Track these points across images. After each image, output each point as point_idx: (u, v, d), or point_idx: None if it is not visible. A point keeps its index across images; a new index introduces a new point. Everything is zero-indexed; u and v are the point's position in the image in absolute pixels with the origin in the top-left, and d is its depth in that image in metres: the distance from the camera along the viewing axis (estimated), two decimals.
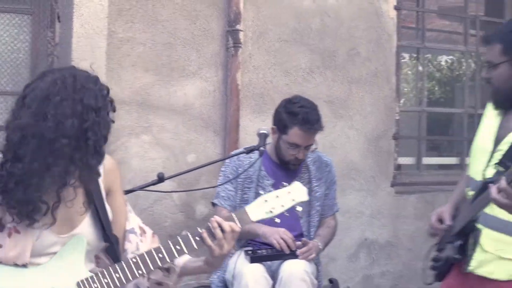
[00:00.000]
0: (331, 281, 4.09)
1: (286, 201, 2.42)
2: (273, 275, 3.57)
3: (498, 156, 2.63)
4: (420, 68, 5.78)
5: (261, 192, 3.67)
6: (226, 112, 4.57)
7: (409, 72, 6.27)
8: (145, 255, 2.27)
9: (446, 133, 6.28)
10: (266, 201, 2.39)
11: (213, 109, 4.58)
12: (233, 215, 2.35)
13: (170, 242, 2.30)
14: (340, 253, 5.06)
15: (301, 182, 3.65)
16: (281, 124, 3.68)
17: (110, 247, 2.32)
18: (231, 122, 4.53)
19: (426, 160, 5.72)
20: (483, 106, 2.98)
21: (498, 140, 2.70)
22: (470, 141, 3.03)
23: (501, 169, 2.57)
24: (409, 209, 5.32)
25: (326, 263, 4.96)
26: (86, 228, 2.27)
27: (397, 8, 5.28)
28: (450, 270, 2.85)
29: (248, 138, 4.52)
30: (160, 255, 2.27)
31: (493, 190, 2.38)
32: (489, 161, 2.68)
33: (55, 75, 2.19)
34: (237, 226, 2.33)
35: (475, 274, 2.71)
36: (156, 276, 2.36)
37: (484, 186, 2.56)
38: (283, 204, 2.41)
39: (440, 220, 2.89)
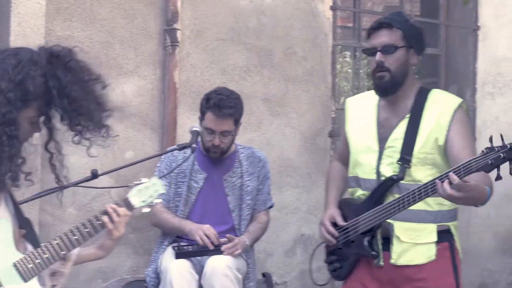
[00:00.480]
0: (264, 275, 4.29)
1: (152, 193, 2.73)
2: (201, 270, 3.77)
3: (390, 153, 2.90)
4: (357, 67, 6.05)
5: (194, 184, 3.93)
6: (163, 110, 4.75)
7: (350, 70, 6.54)
8: (65, 236, 2.50)
9: None
10: (139, 190, 2.71)
11: (151, 107, 4.75)
12: (122, 202, 2.65)
13: (78, 226, 2.55)
14: (277, 248, 5.28)
15: (234, 177, 3.94)
16: (201, 111, 3.95)
17: (28, 231, 2.50)
18: (168, 119, 4.71)
19: None
20: None
21: (382, 140, 2.97)
22: None
23: (405, 164, 2.86)
24: None
25: (264, 259, 5.20)
26: (2, 212, 2.42)
27: (333, 8, 5.51)
28: (355, 265, 3.09)
29: (185, 135, 4.65)
30: (76, 237, 2.52)
31: (446, 186, 2.62)
32: (380, 159, 2.92)
33: None
34: (128, 211, 2.64)
35: (395, 265, 2.96)
36: (53, 266, 2.55)
37: (385, 182, 2.84)
38: (151, 195, 2.72)
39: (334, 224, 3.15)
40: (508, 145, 2.60)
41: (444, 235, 3.05)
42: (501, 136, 2.62)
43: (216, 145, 3.90)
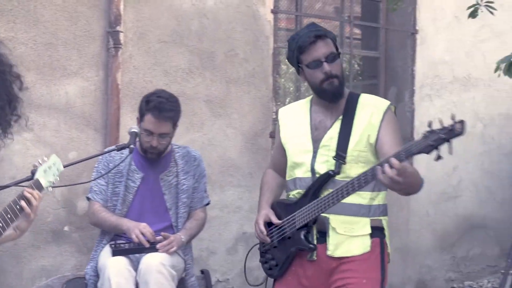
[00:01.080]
0: (202, 272, 4.49)
1: (55, 171, 3.02)
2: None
3: (325, 152, 3.15)
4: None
5: (131, 184, 4.12)
6: (106, 110, 4.91)
7: (293, 71, 6.77)
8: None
9: None
10: (45, 171, 2.96)
11: (94, 107, 4.92)
12: (33, 184, 2.89)
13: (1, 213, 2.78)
14: (220, 246, 5.51)
15: (170, 176, 4.14)
16: (140, 112, 4.10)
17: None
18: (111, 120, 4.88)
19: None
20: None
21: (316, 141, 3.23)
22: None
23: (340, 160, 3.11)
24: None
25: (206, 257, 5.42)
26: None
27: (274, 11, 5.77)
28: (298, 259, 3.30)
29: (128, 136, 4.87)
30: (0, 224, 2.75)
31: (387, 169, 2.78)
32: (314, 158, 3.18)
33: None
34: (40, 194, 2.90)
35: (332, 256, 3.19)
36: None
37: (322, 178, 3.09)
38: (54, 173, 3.02)
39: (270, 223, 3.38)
40: (449, 126, 2.76)
41: (375, 231, 3.25)
42: (440, 120, 2.80)
43: (154, 147, 4.06)
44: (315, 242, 3.23)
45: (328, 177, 3.18)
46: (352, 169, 3.18)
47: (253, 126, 5.64)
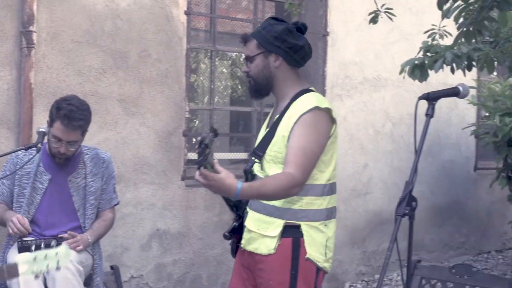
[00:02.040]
0: (112, 267, 4.66)
1: (52, 263, 2.69)
2: None
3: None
4: (215, 69, 6.53)
5: (39, 185, 4.21)
6: (19, 109, 5.03)
7: (207, 71, 6.98)
8: None
9: (248, 130, 7.05)
10: (35, 259, 2.66)
11: (7, 106, 5.03)
12: (4, 267, 2.67)
13: None
14: (134, 243, 5.69)
15: (78, 178, 4.22)
16: (50, 117, 4.15)
17: None
18: (24, 119, 5.01)
19: (217, 156, 6.46)
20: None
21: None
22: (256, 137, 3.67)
23: (253, 158, 3.29)
24: (198, 201, 6.04)
25: (120, 253, 5.58)
26: None
27: (187, 13, 5.98)
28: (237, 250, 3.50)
29: None
30: None
31: (197, 173, 2.89)
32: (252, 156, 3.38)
33: None
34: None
35: (247, 250, 3.36)
36: None
37: (246, 175, 3.30)
38: (49, 264, 2.69)
39: None
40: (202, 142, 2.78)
41: (291, 231, 3.22)
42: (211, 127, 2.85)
43: (62, 153, 4.15)
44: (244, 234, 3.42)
45: (246, 174, 3.36)
46: (271, 169, 3.24)
47: (166, 125, 5.83)
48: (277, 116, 3.30)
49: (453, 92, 2.92)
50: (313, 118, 3.18)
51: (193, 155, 6.26)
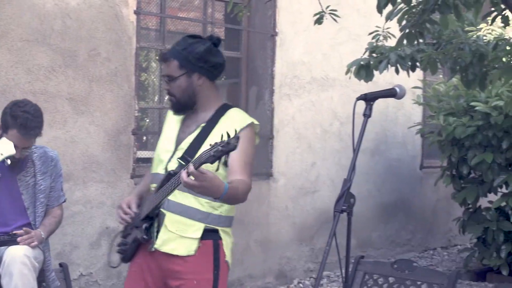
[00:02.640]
0: (61, 265, 4.72)
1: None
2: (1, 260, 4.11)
3: (179, 153, 3.41)
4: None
5: None
6: None
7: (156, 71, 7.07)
8: None
9: None
10: None
11: None
12: None
13: None
14: (83, 241, 5.74)
15: (27, 176, 4.29)
16: (4, 124, 4.18)
17: None
18: None
19: None
20: None
21: (178, 142, 3.48)
22: None
23: (182, 162, 3.39)
24: None
25: (69, 251, 5.63)
26: None
27: (136, 12, 6.06)
28: (137, 251, 3.51)
29: None
30: None
31: (183, 174, 3.02)
32: (170, 158, 3.45)
33: None
34: None
35: (160, 251, 3.39)
36: None
37: (167, 177, 3.33)
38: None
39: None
40: (227, 141, 2.95)
41: (211, 234, 3.40)
42: (227, 133, 2.98)
43: (17, 158, 4.17)
44: (155, 235, 3.42)
45: (168, 176, 3.36)
46: None
47: (116, 124, 5.89)
48: (203, 125, 3.42)
49: (390, 93, 3.06)
50: (251, 134, 3.44)
51: (143, 154, 6.35)
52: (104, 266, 5.87)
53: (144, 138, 6.89)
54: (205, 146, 3.27)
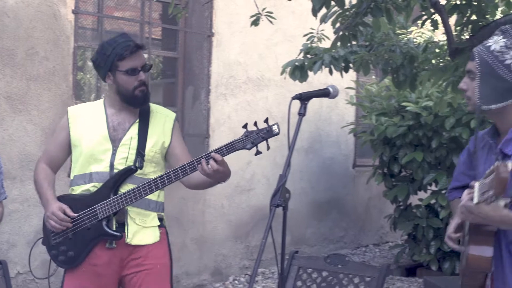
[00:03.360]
0: (0, 262, 4.75)
1: None
2: None
3: (124, 150, 3.56)
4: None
5: None
6: None
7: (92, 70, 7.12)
8: None
9: None
10: None
11: None
12: None
13: None
14: (20, 239, 5.79)
15: None
16: None
17: None
18: None
19: None
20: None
21: (115, 140, 3.59)
22: None
23: (141, 158, 3.56)
24: None
25: (6, 249, 5.67)
26: None
27: (75, 12, 6.12)
28: (94, 249, 3.59)
29: None
30: None
31: (212, 163, 3.35)
32: (113, 156, 3.56)
33: None
34: None
35: (128, 244, 3.55)
36: None
37: (125, 172, 3.50)
38: None
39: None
40: (267, 128, 3.47)
41: (161, 221, 3.69)
42: (255, 122, 3.48)
43: None
44: (126, 230, 3.57)
45: (129, 171, 3.55)
46: (147, 168, 3.60)
47: (53, 122, 5.90)
48: (137, 121, 3.63)
49: (324, 93, 3.23)
50: (178, 125, 3.80)
51: None
52: (41, 264, 5.90)
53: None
54: (150, 142, 3.59)
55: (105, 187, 3.55)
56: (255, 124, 3.51)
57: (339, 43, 4.88)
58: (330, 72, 5.98)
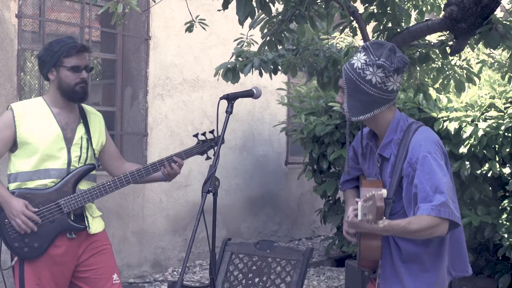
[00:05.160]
0: None
1: None
2: None
3: (76, 149, 3.95)
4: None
5: None
6: None
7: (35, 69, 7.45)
8: None
9: None
10: None
11: None
12: None
13: None
14: None
15: None
16: None
17: None
18: None
19: None
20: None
21: (67, 138, 3.96)
22: None
23: (95, 156, 4.06)
24: None
25: None
26: None
27: (18, 16, 6.49)
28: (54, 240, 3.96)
29: None
30: None
31: (174, 165, 4.00)
32: (69, 153, 3.94)
33: None
34: None
35: (89, 233, 3.99)
36: None
37: (86, 170, 3.94)
38: None
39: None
40: (216, 138, 4.09)
41: None
42: (204, 133, 4.09)
43: None
44: (88, 222, 4.01)
45: (91, 169, 3.98)
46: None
47: None
48: (82, 121, 4.03)
49: (249, 94, 3.71)
50: None
51: None
52: None
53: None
54: (94, 141, 4.05)
55: (67, 183, 3.90)
56: (204, 134, 4.13)
57: (266, 48, 5.31)
58: (260, 74, 6.42)
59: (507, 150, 6.71)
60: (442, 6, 5.47)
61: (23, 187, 3.88)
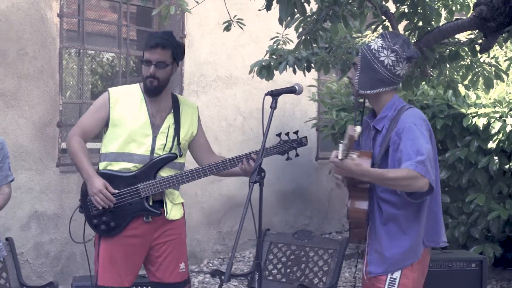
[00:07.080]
0: (7, 239, 5.37)
1: None
2: None
3: (162, 137, 4.10)
4: (84, 66, 7.32)
5: None
6: None
7: (75, 67, 7.71)
8: None
9: None
10: None
11: None
12: None
13: None
14: (14, 223, 6.44)
15: None
16: None
17: None
18: None
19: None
20: None
21: (155, 126, 4.12)
22: None
23: (180, 146, 4.14)
24: (72, 185, 6.86)
25: (3, 232, 6.25)
26: None
27: (60, 15, 6.77)
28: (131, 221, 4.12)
29: None
30: None
31: (251, 162, 4.18)
32: (154, 141, 4.10)
33: None
34: None
35: (166, 219, 4.12)
36: None
37: (168, 158, 4.06)
38: None
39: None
40: (298, 140, 4.35)
41: None
42: (287, 133, 4.32)
43: None
44: (165, 207, 4.15)
45: (171, 158, 4.10)
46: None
47: (42, 117, 6.61)
48: (172, 112, 4.17)
49: (291, 90, 3.93)
50: None
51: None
52: (34, 246, 6.55)
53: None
54: (183, 131, 4.18)
55: (148, 168, 4.05)
56: (287, 134, 4.33)
57: (302, 46, 5.52)
58: (294, 71, 6.62)
59: None
60: (472, 5, 5.62)
61: (108, 167, 4.09)
